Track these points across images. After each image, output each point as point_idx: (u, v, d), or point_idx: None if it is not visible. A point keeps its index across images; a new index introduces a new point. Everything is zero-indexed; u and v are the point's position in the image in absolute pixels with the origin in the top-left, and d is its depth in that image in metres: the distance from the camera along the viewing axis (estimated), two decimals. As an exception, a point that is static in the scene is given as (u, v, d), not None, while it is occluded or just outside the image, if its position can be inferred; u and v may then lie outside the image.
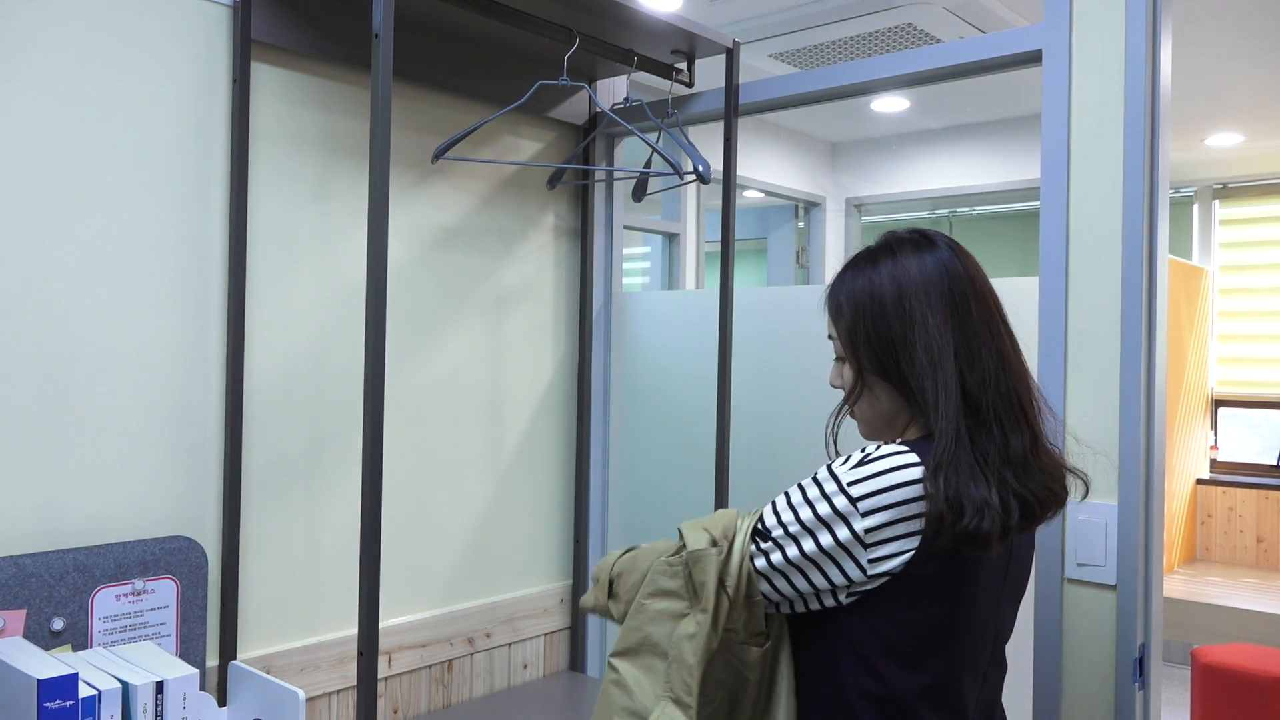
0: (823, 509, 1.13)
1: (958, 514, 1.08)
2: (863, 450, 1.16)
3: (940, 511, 1.08)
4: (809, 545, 1.14)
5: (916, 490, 1.11)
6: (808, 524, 1.14)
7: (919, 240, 1.22)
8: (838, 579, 1.14)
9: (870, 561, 1.12)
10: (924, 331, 1.16)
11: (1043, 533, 1.59)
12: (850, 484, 1.12)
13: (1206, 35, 3.58)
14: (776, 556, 1.16)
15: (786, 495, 1.18)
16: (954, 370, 1.14)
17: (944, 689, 1.16)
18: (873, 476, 1.12)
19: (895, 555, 1.11)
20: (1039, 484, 1.15)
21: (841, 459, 1.16)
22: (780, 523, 1.16)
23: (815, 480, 1.16)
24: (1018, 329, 1.24)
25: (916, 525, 1.11)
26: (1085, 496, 1.31)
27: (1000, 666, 1.28)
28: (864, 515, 1.11)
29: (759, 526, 1.19)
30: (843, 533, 1.12)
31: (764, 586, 1.18)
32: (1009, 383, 1.16)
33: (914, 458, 1.13)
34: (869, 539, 1.11)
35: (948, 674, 1.16)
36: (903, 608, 1.14)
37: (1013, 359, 1.19)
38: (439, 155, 1.80)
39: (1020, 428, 1.15)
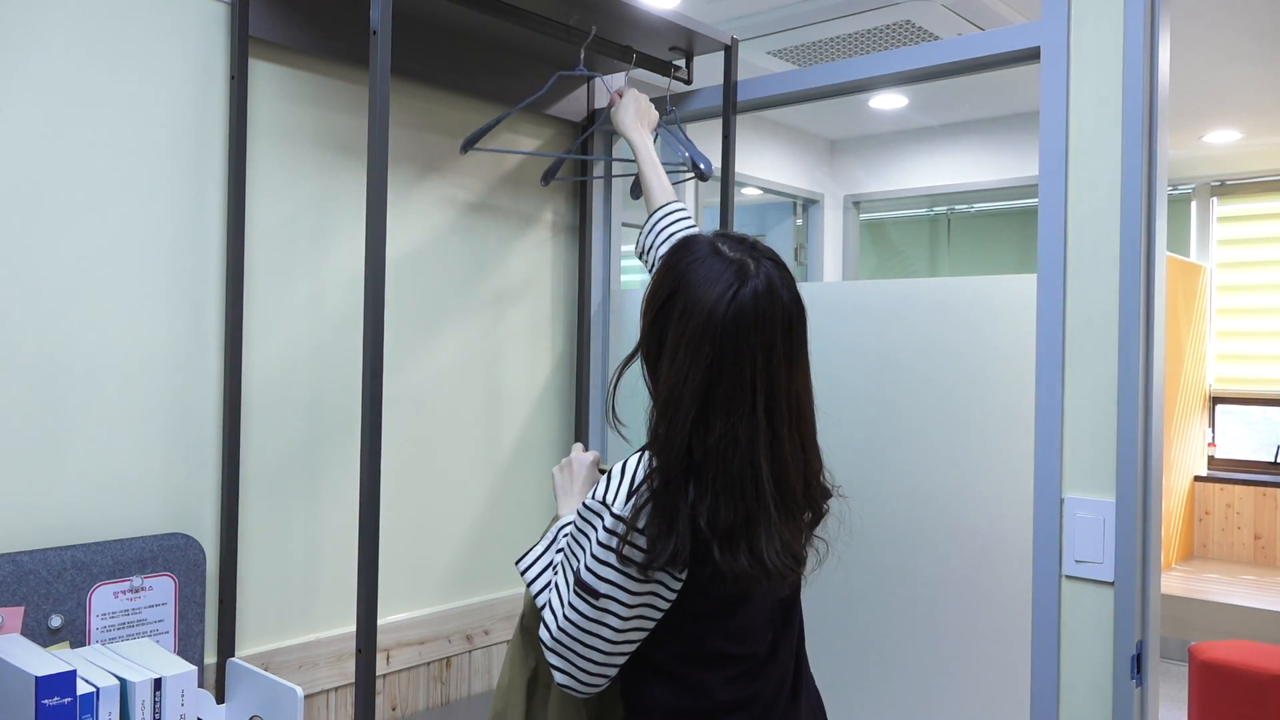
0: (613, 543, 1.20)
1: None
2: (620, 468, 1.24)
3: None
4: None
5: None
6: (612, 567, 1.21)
7: (731, 264, 1.20)
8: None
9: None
10: (677, 371, 1.19)
11: (1040, 529, 1.59)
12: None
13: (1205, 32, 3.58)
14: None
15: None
16: (687, 425, 1.17)
17: (750, 674, 1.28)
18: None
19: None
20: (739, 562, 1.17)
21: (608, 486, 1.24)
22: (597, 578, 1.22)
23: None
24: (1016, 326, 1.24)
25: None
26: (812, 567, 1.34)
27: (791, 638, 1.35)
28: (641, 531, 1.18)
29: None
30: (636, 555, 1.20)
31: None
32: (736, 462, 1.17)
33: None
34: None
35: (748, 664, 1.28)
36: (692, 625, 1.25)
37: (745, 440, 1.18)
38: (468, 147, 1.86)
39: (736, 503, 1.17)
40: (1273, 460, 5.00)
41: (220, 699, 1.60)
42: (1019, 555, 1.67)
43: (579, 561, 1.23)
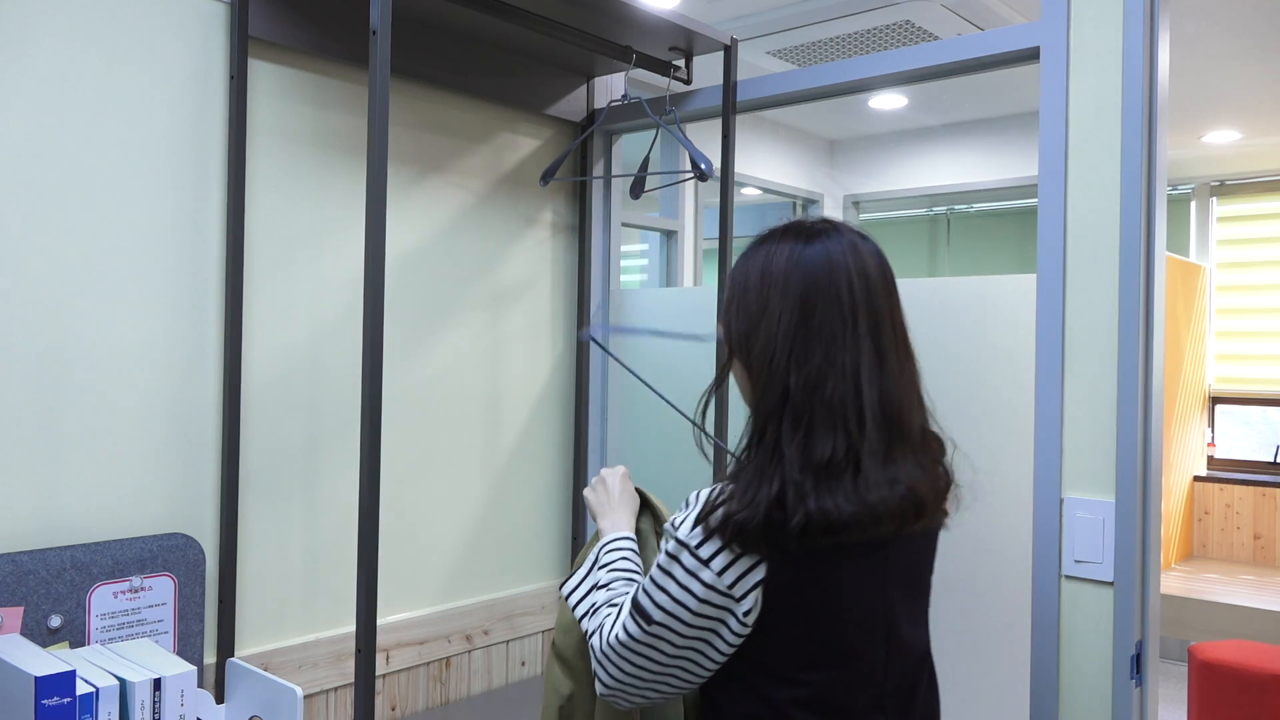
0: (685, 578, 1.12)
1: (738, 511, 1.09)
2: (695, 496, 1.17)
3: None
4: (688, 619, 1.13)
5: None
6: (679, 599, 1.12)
7: (805, 231, 1.19)
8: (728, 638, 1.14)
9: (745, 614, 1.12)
10: (768, 322, 1.14)
11: (1040, 529, 1.59)
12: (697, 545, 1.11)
13: (1204, 33, 3.58)
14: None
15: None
16: (783, 367, 1.12)
17: (826, 697, 1.15)
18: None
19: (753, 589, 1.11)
20: (843, 501, 1.08)
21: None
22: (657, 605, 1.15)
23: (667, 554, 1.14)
24: (1015, 326, 1.23)
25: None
26: (944, 514, 1.25)
27: (906, 653, 1.22)
28: (719, 573, 1.10)
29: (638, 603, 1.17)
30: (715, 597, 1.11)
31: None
32: (836, 389, 1.11)
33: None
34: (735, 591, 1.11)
35: (828, 683, 1.15)
36: (777, 634, 1.14)
37: (850, 368, 1.12)
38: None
39: (834, 436, 1.10)
40: (1272, 460, 5.00)
41: (220, 699, 1.60)
42: (1018, 555, 1.67)
43: (639, 584, 1.18)
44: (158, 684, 1.33)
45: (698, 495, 1.15)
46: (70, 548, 1.44)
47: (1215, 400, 5.14)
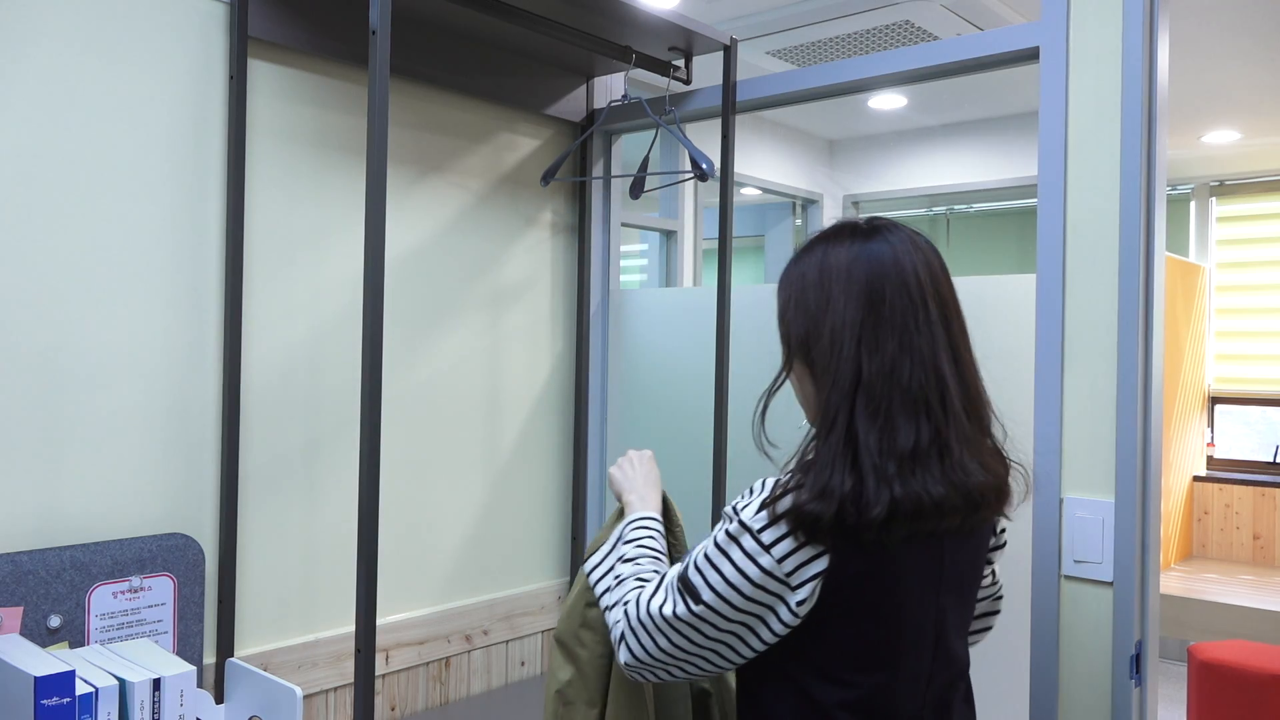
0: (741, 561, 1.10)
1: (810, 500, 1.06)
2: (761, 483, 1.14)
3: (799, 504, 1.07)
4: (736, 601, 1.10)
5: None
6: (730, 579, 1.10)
7: (861, 229, 1.18)
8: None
9: (798, 604, 1.10)
10: (834, 313, 1.13)
11: (1039, 529, 1.59)
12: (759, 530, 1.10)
13: (1204, 33, 3.58)
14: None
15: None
16: (852, 354, 1.10)
17: (872, 700, 1.14)
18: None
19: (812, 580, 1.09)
20: (933, 484, 1.08)
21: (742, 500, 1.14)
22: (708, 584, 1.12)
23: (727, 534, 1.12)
24: (1015, 326, 1.23)
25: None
26: (1015, 504, 1.24)
27: (951, 664, 1.22)
28: (779, 560, 1.08)
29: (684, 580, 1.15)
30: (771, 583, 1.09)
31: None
32: (915, 375, 1.09)
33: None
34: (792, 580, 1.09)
35: (875, 687, 1.14)
36: (829, 630, 1.12)
37: (928, 354, 1.11)
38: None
39: (917, 422, 1.08)
40: (1271, 460, 5.00)
41: (219, 699, 1.60)
42: (1018, 555, 1.67)
43: (690, 558, 1.16)
44: (157, 684, 1.33)
45: (763, 482, 1.14)
46: (70, 548, 1.44)
47: (1215, 400, 5.15)
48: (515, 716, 1.97)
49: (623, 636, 1.19)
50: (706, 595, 1.11)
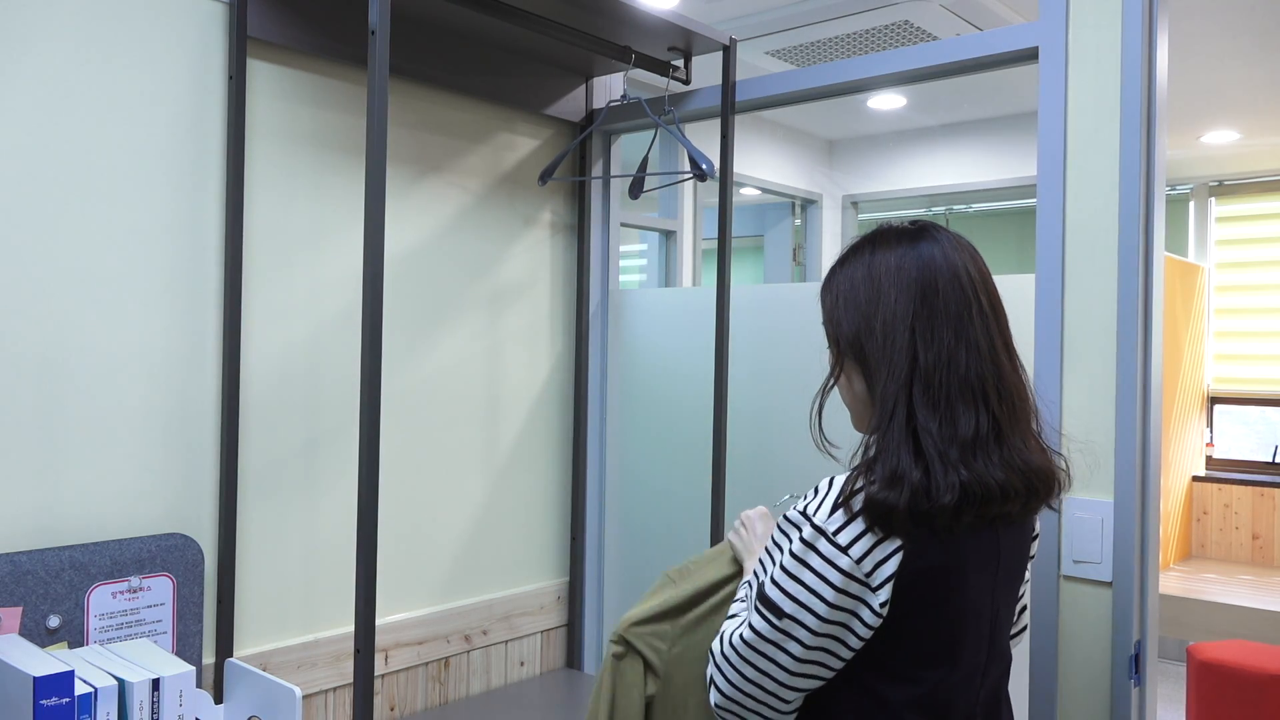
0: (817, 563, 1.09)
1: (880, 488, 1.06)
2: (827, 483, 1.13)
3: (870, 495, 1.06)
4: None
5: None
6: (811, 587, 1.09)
7: (907, 230, 1.20)
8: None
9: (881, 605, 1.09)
10: (885, 307, 1.14)
11: (1039, 530, 1.59)
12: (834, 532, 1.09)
13: (1203, 32, 3.58)
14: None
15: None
16: (907, 344, 1.11)
17: (934, 696, 1.14)
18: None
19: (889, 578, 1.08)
20: (995, 470, 1.09)
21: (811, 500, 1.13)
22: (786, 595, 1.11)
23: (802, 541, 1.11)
24: (1014, 325, 1.23)
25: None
26: (1061, 492, 1.23)
27: (1001, 659, 1.24)
28: (857, 560, 1.07)
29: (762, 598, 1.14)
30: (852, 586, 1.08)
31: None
32: (972, 364, 1.11)
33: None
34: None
35: (942, 682, 1.14)
36: (902, 627, 1.11)
37: (984, 345, 1.13)
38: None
39: (976, 410, 1.10)
40: (1271, 460, 5.00)
41: (219, 699, 1.60)
42: (1017, 555, 1.67)
43: (764, 576, 1.14)
44: (156, 684, 1.33)
45: (830, 482, 1.13)
46: (69, 548, 1.44)
47: (1214, 400, 5.15)
48: (515, 717, 1.97)
49: (711, 678, 1.17)
50: (789, 607, 1.09)
